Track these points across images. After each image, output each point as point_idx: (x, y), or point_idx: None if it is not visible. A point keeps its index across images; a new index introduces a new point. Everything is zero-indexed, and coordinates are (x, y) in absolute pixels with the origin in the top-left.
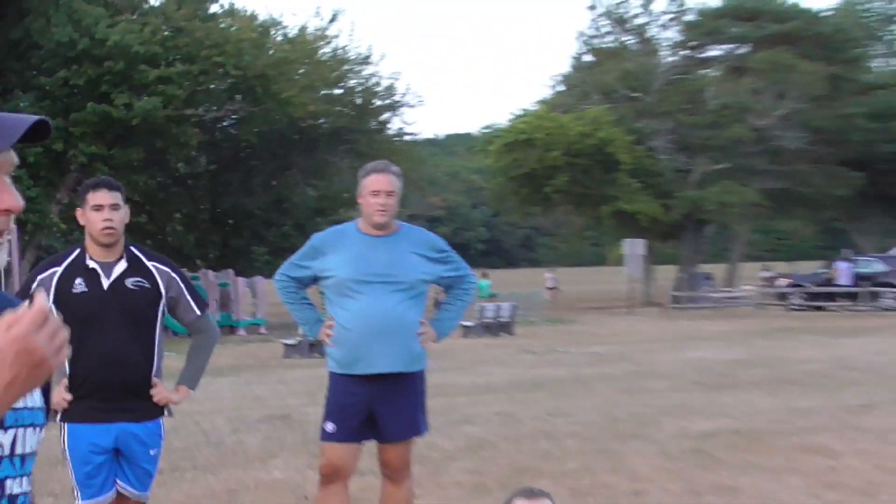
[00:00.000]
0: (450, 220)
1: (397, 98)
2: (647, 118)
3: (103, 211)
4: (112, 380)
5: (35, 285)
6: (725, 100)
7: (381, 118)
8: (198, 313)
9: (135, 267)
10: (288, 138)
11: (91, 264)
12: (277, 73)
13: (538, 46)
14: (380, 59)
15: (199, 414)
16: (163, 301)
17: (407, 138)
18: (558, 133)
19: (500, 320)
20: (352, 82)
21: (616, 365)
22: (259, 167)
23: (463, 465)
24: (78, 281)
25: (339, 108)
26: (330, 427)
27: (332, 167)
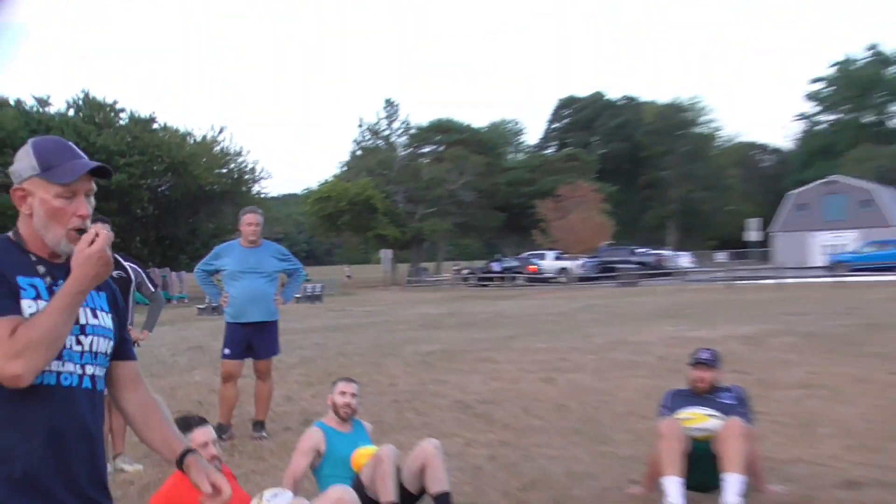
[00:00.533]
0: (286, 239)
1: (256, 174)
2: (392, 185)
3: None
4: None
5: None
6: (433, 175)
7: (248, 185)
8: (152, 290)
9: (116, 265)
10: (197, 197)
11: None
12: (191, 161)
13: (337, 134)
14: (247, 153)
15: (152, 346)
16: (133, 284)
17: (263, 195)
18: (343, 193)
19: (315, 294)
20: (231, 165)
21: (378, 317)
22: (181, 212)
23: (298, 371)
24: None
25: (225, 180)
26: (227, 351)
27: (222, 212)
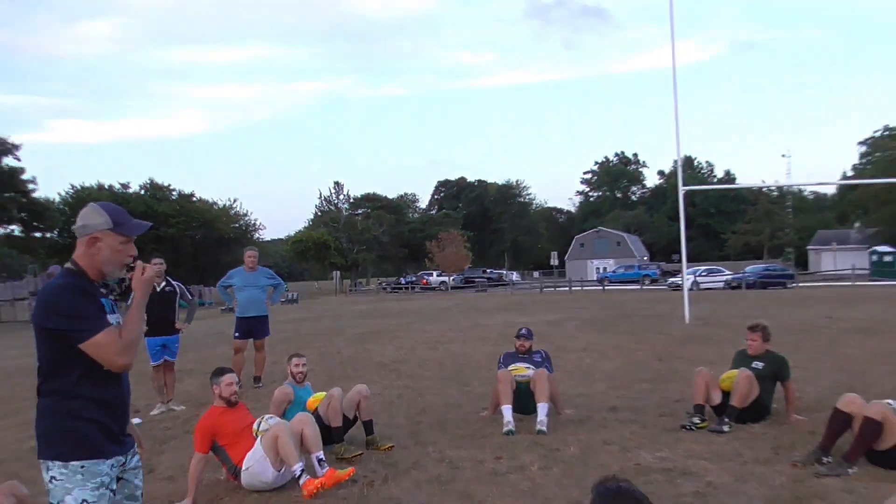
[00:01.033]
0: (275, 266)
1: (256, 226)
2: (339, 233)
3: (160, 266)
4: (162, 322)
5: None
6: (363, 226)
7: (250, 233)
8: (190, 298)
9: (167, 283)
10: (219, 242)
11: (156, 282)
12: (216, 220)
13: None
14: (250, 213)
15: (192, 333)
16: (178, 295)
17: (260, 239)
18: (309, 238)
19: (293, 299)
20: (241, 221)
21: (331, 312)
22: (210, 251)
23: (282, 347)
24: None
25: (237, 231)
26: (236, 334)
27: (235, 250)
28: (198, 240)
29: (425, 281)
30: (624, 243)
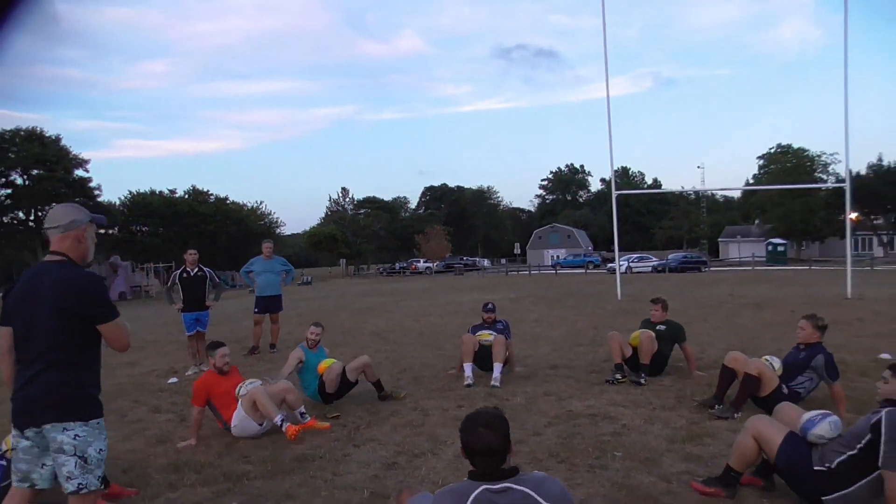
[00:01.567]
0: (293, 256)
1: (278, 223)
2: (345, 229)
3: (194, 256)
4: (196, 300)
5: (173, 275)
6: (365, 223)
7: (273, 229)
8: (217, 281)
9: (199, 269)
10: (247, 236)
11: (188, 269)
12: (245, 219)
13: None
14: (274, 212)
15: (221, 309)
16: (209, 279)
17: (281, 233)
18: (321, 233)
19: (308, 281)
20: (266, 220)
21: (338, 292)
22: (240, 244)
23: (296, 320)
24: (185, 274)
25: (262, 227)
26: (256, 310)
27: (258, 242)
28: (231, 235)
29: (414, 267)
30: (573, 236)
